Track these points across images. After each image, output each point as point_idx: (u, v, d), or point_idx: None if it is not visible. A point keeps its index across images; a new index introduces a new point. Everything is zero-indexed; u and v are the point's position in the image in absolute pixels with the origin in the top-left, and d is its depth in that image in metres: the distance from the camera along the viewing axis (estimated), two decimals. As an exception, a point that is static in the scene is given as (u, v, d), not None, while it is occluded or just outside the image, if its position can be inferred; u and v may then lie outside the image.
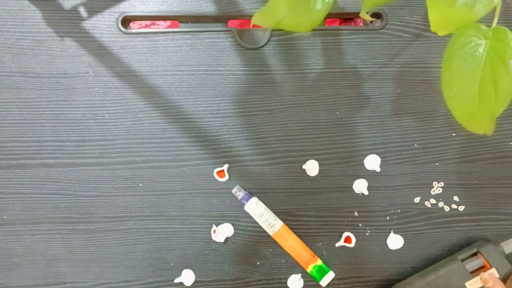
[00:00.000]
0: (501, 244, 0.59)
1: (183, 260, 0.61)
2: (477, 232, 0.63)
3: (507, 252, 0.59)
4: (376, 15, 0.63)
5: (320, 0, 0.43)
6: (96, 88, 0.61)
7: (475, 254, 0.58)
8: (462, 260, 0.58)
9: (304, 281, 0.62)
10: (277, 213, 0.61)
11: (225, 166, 0.61)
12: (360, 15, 0.45)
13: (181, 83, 0.62)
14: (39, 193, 0.61)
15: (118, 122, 0.61)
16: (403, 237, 0.62)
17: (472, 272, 0.57)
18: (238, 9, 0.62)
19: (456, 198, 0.63)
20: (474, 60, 0.38)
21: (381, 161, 0.62)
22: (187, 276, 0.61)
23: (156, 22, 0.66)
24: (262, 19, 0.46)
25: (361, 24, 0.66)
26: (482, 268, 0.57)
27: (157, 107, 0.61)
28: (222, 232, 0.61)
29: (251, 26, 0.50)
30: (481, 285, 0.56)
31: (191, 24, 0.63)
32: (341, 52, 0.63)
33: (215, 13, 0.62)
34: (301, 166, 0.62)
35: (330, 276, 0.60)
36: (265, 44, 0.62)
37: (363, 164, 0.62)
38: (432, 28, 0.38)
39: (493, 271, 0.56)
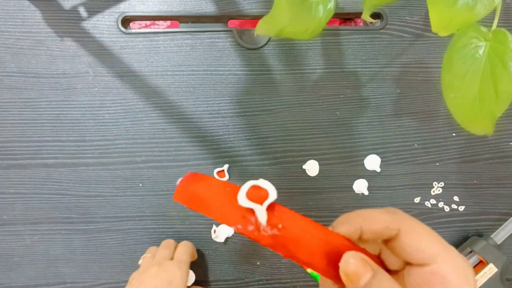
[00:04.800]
0: (491, 236, 0.60)
1: (183, 260, 0.61)
2: (477, 232, 0.63)
3: (499, 242, 0.60)
4: (376, 15, 0.63)
5: (321, 7, 0.43)
6: (96, 88, 0.61)
7: (470, 252, 0.59)
8: None
9: (304, 281, 0.62)
10: (277, 213, 0.61)
11: (225, 166, 0.61)
12: (362, 16, 0.45)
13: (181, 83, 0.62)
14: (39, 193, 0.61)
15: (118, 122, 0.61)
16: (403, 237, 0.62)
17: None
18: (238, 9, 0.62)
19: (456, 198, 0.63)
20: (475, 62, 0.38)
21: (381, 161, 0.62)
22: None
23: (156, 22, 0.66)
24: (265, 28, 0.46)
25: (361, 24, 0.66)
26: (479, 264, 0.58)
27: (157, 107, 0.61)
28: (222, 232, 0.61)
29: (255, 35, 0.50)
30: (482, 283, 0.56)
31: (191, 24, 0.63)
32: (341, 52, 0.63)
33: (215, 13, 0.62)
34: (301, 166, 0.62)
35: (330, 276, 0.61)
36: (265, 44, 0.62)
37: (363, 164, 0.62)
38: (433, 29, 0.38)
39: (491, 265, 0.57)
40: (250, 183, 0.29)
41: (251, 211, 0.28)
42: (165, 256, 0.54)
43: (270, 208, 0.29)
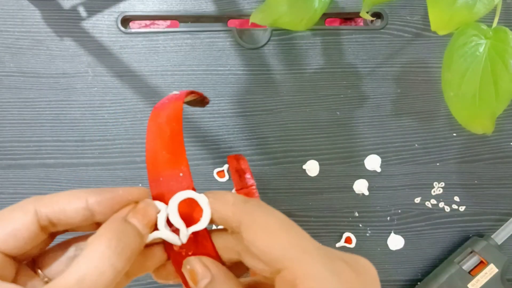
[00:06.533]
0: (492, 236, 0.60)
1: (182, 261, 0.61)
2: (478, 233, 0.63)
3: (499, 243, 0.59)
4: (377, 15, 0.63)
5: (317, -1, 0.43)
6: (96, 88, 0.61)
7: (470, 252, 0.59)
8: (459, 262, 0.58)
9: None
10: (277, 213, 0.61)
11: (225, 166, 0.61)
12: (360, 14, 0.45)
13: (181, 83, 0.61)
14: (39, 193, 0.60)
15: (118, 122, 0.61)
16: (403, 237, 0.62)
17: (471, 271, 0.57)
18: (238, 9, 0.62)
19: (456, 199, 0.62)
20: (475, 60, 0.38)
21: (382, 161, 0.62)
22: (187, 277, 0.61)
23: (156, 21, 0.66)
24: (260, 17, 0.46)
25: (361, 24, 0.66)
26: (480, 264, 0.58)
27: (157, 107, 0.61)
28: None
29: (249, 24, 0.50)
30: (482, 283, 0.56)
31: (191, 24, 0.63)
32: (341, 52, 0.62)
33: (215, 13, 0.62)
34: (301, 166, 0.61)
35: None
36: (265, 44, 0.62)
37: (363, 164, 0.62)
38: (432, 28, 0.38)
39: (491, 266, 0.57)
40: (188, 195, 0.27)
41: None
42: None
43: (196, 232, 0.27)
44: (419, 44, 0.63)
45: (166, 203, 0.27)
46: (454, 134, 0.63)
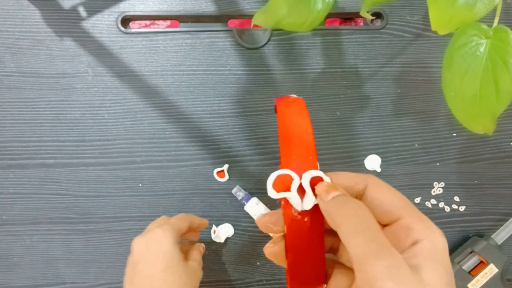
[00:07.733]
0: (492, 236, 0.60)
1: (183, 261, 0.61)
2: (478, 233, 0.63)
3: (499, 243, 0.59)
4: (377, 15, 0.63)
5: (320, 0, 0.43)
6: (96, 88, 0.61)
7: (470, 252, 0.59)
8: (459, 262, 0.58)
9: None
10: (277, 213, 0.61)
11: (225, 166, 0.61)
12: (360, 13, 0.45)
13: (181, 83, 0.61)
14: (39, 193, 0.60)
15: (118, 122, 0.61)
16: (403, 237, 0.62)
17: (471, 271, 0.57)
18: (238, 9, 0.62)
19: (456, 199, 0.62)
20: (475, 60, 0.38)
21: (382, 161, 0.62)
22: (187, 277, 0.61)
23: (156, 21, 0.66)
24: (262, 19, 0.46)
25: (362, 24, 0.66)
26: (480, 264, 0.58)
27: (157, 107, 0.61)
28: (222, 232, 0.61)
29: (251, 26, 0.50)
30: (482, 283, 0.56)
31: (191, 24, 0.63)
32: (341, 52, 0.62)
33: (215, 12, 0.62)
34: (301, 166, 0.61)
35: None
36: (265, 44, 0.62)
37: (363, 164, 0.62)
38: (433, 28, 0.38)
39: (491, 266, 0.57)
40: (317, 174, 0.31)
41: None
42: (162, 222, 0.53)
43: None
44: (419, 44, 0.63)
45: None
46: (454, 134, 0.63)
